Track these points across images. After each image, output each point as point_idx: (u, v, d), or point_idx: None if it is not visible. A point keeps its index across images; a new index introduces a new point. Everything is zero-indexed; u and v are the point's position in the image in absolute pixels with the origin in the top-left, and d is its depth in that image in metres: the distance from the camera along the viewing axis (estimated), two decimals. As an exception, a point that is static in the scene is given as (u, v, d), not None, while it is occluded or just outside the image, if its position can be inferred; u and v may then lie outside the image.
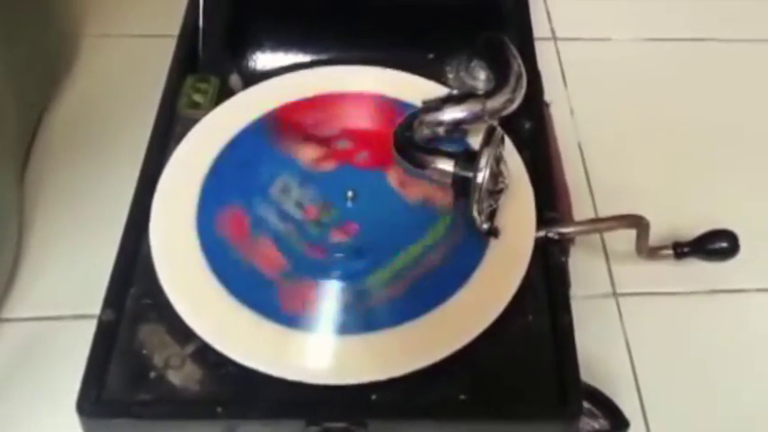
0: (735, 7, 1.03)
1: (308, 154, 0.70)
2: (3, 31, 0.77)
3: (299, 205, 0.67)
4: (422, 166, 0.66)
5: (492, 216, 0.64)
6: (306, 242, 0.65)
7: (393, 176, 0.69)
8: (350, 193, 0.67)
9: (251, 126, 0.72)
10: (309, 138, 0.71)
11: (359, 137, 0.72)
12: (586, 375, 0.60)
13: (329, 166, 0.70)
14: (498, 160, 0.63)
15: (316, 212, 0.67)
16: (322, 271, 0.63)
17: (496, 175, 0.63)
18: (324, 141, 0.71)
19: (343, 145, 0.71)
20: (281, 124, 0.72)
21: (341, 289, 0.62)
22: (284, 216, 0.66)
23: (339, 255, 0.64)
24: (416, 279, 0.63)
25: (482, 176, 0.61)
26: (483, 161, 0.62)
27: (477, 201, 0.62)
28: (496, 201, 0.64)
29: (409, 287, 0.63)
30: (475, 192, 0.62)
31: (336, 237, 0.66)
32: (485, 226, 0.64)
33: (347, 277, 0.63)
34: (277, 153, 0.70)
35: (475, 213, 0.63)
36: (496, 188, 0.63)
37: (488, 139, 0.63)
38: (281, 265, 0.63)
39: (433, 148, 0.67)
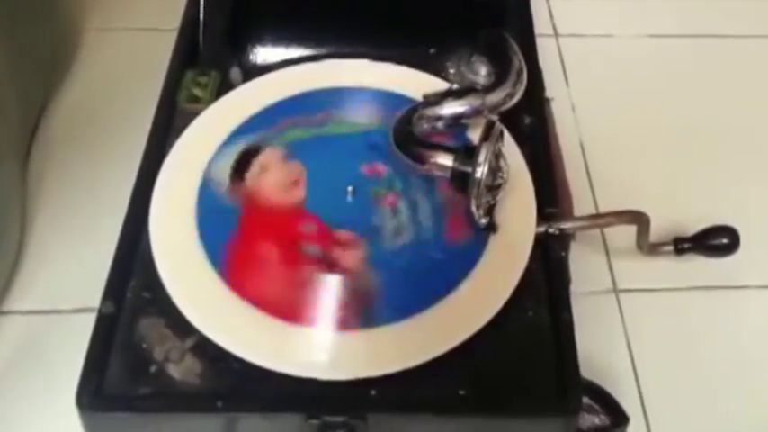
0: (737, 4, 1.02)
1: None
2: (5, 25, 0.77)
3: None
4: (421, 160, 0.66)
5: (491, 211, 0.64)
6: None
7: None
8: (350, 189, 0.67)
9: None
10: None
11: None
12: (586, 371, 0.60)
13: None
14: (497, 155, 0.63)
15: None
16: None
17: (495, 170, 0.63)
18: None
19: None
20: None
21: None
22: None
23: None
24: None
25: (480, 171, 0.61)
26: (482, 156, 0.62)
27: (476, 196, 0.62)
28: (495, 196, 0.64)
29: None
30: (473, 187, 0.62)
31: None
32: (483, 221, 0.64)
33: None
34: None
35: (473, 208, 0.63)
36: (495, 183, 0.63)
37: (487, 134, 0.63)
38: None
39: (433, 142, 0.67)
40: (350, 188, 0.67)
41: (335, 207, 0.67)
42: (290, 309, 0.61)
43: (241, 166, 0.68)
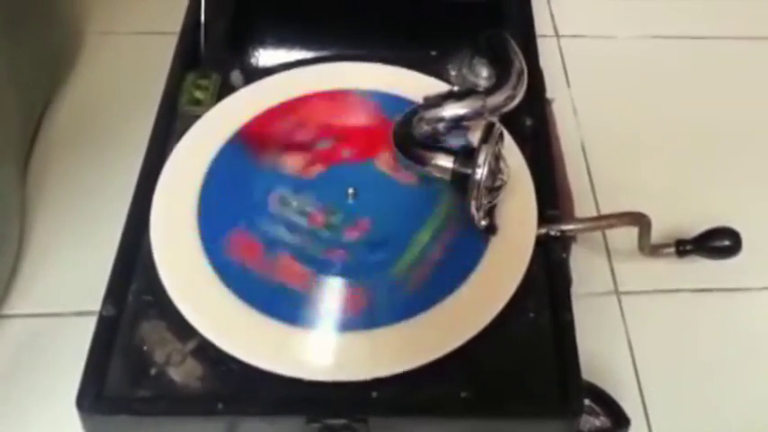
0: (739, 5, 1.02)
1: (293, 162, 0.70)
2: (6, 28, 0.77)
3: (304, 213, 0.66)
4: (421, 162, 0.66)
5: (491, 213, 0.64)
6: (323, 248, 0.64)
7: (383, 162, 0.69)
8: (350, 191, 0.67)
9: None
10: (289, 147, 0.70)
11: (338, 134, 0.72)
12: (588, 373, 0.60)
13: (319, 168, 0.69)
14: (497, 157, 0.63)
15: (322, 218, 0.66)
16: (347, 269, 0.63)
17: (495, 171, 0.63)
18: (304, 146, 0.71)
19: (325, 145, 0.71)
20: (255, 140, 0.71)
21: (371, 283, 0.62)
22: (292, 227, 0.65)
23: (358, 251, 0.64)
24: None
25: (480, 173, 0.61)
26: (481, 158, 0.62)
27: (476, 197, 0.62)
28: (495, 198, 0.64)
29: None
30: (473, 188, 0.62)
31: (352, 235, 0.65)
32: (483, 223, 0.64)
33: (372, 270, 0.63)
34: (262, 167, 0.69)
35: (473, 210, 0.63)
36: (495, 185, 0.63)
37: (487, 136, 0.63)
38: (305, 275, 0.63)
39: (433, 144, 0.67)
40: (350, 190, 0.67)
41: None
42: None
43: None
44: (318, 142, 0.71)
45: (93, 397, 0.57)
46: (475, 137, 0.67)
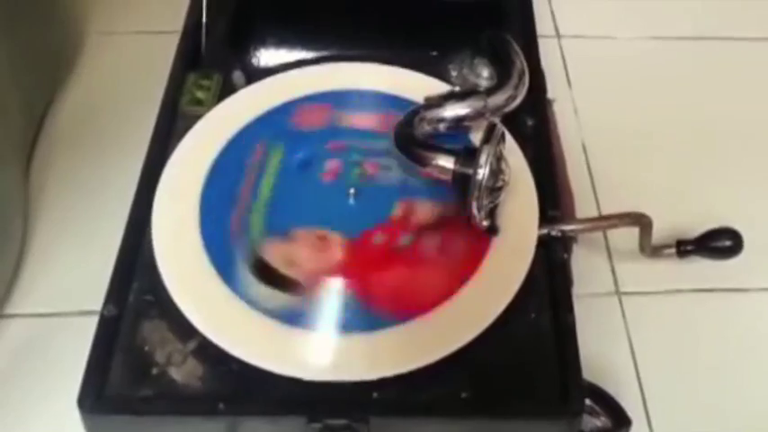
0: (739, 6, 1.02)
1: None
2: (7, 28, 0.77)
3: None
4: (422, 162, 0.66)
5: (492, 213, 0.64)
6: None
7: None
8: (351, 191, 0.67)
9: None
10: None
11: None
12: (589, 373, 0.60)
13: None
14: (499, 157, 0.63)
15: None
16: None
17: (496, 172, 0.63)
18: None
19: None
20: None
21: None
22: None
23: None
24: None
25: (482, 174, 0.61)
26: (483, 158, 0.62)
27: (477, 198, 0.62)
28: (497, 198, 0.64)
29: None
30: (474, 189, 0.62)
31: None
32: (484, 223, 0.64)
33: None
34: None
35: (475, 211, 0.63)
36: (496, 185, 0.63)
37: (488, 137, 0.63)
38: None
39: (434, 144, 0.67)
40: (351, 190, 0.67)
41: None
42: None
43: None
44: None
45: (94, 396, 0.57)
46: (476, 137, 0.67)
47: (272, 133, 0.71)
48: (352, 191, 0.67)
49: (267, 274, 0.62)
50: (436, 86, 0.73)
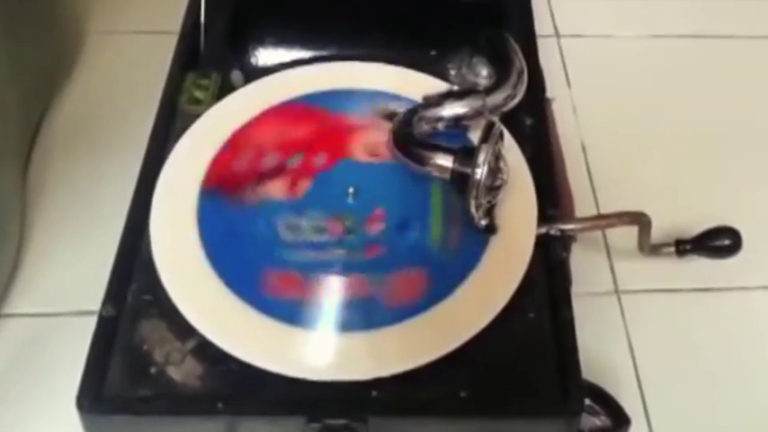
0: (739, 5, 1.02)
1: (276, 190, 0.68)
2: (6, 28, 0.77)
3: (321, 229, 0.66)
4: (420, 161, 0.66)
5: (490, 212, 0.64)
6: (360, 249, 0.65)
7: (357, 154, 0.70)
8: (350, 190, 0.67)
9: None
10: (262, 177, 0.69)
11: (302, 147, 0.71)
12: (588, 372, 0.60)
13: (305, 185, 0.68)
14: (497, 156, 0.63)
15: (339, 225, 0.66)
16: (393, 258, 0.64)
17: (495, 171, 0.63)
18: (278, 172, 0.69)
19: (296, 161, 0.70)
20: (221, 186, 0.68)
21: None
22: (319, 247, 0.65)
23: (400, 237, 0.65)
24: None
25: (480, 173, 0.61)
26: (481, 157, 0.62)
27: (476, 197, 0.62)
28: (495, 197, 0.64)
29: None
30: (473, 188, 0.62)
31: (373, 228, 0.66)
32: (483, 222, 0.64)
33: (413, 247, 0.64)
34: (246, 210, 0.67)
35: (473, 210, 0.63)
36: (495, 184, 0.63)
37: (487, 135, 0.63)
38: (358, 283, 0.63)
39: (432, 143, 0.67)
40: (351, 189, 0.67)
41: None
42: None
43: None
44: (287, 162, 0.70)
45: (92, 397, 0.57)
46: (475, 136, 0.67)
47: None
48: (350, 190, 0.67)
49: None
50: (435, 85, 0.73)
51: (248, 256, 0.64)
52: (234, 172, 0.69)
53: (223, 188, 0.68)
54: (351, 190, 0.67)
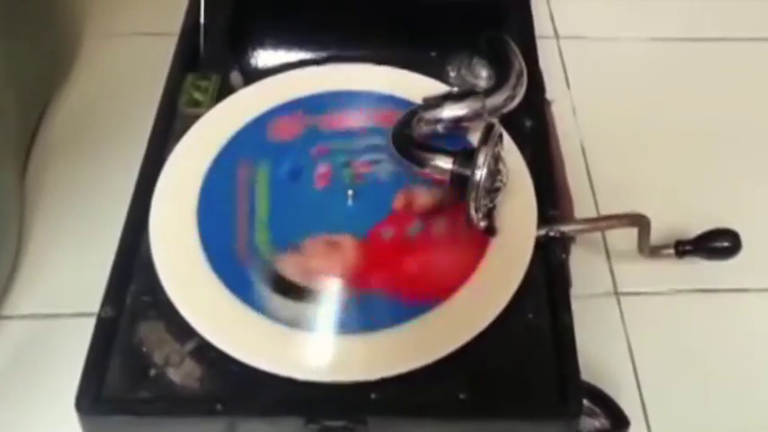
0: (739, 6, 1.02)
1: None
2: (5, 29, 0.77)
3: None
4: (420, 163, 0.66)
5: (490, 214, 0.64)
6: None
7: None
8: (350, 192, 0.67)
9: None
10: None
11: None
12: (587, 374, 0.60)
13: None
14: (496, 158, 0.63)
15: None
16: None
17: (494, 173, 0.63)
18: None
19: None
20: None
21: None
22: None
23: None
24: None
25: (479, 174, 0.61)
26: (480, 159, 0.62)
27: (475, 199, 0.62)
28: (494, 199, 0.64)
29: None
30: (472, 190, 0.62)
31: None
32: (482, 224, 0.64)
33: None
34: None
35: (473, 211, 0.63)
36: (494, 186, 0.63)
37: (486, 137, 0.63)
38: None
39: (432, 145, 0.67)
40: (350, 192, 0.67)
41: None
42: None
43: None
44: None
45: (91, 398, 0.57)
46: (474, 138, 0.67)
47: (252, 152, 0.70)
48: (350, 192, 0.67)
49: (288, 289, 0.62)
50: (434, 87, 0.73)
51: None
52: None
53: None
54: (350, 192, 0.67)
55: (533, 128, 0.73)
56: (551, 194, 0.69)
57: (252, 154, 0.70)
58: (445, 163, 0.65)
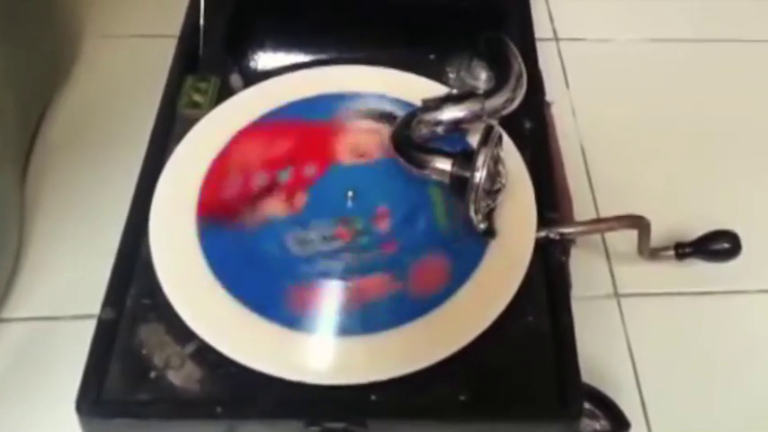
0: (737, 8, 1.02)
1: (275, 207, 0.67)
2: (4, 31, 0.77)
3: (329, 238, 0.65)
4: (420, 165, 0.66)
5: (489, 216, 0.64)
6: (372, 251, 0.64)
7: (345, 157, 0.70)
8: (350, 194, 0.67)
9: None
10: (258, 198, 0.68)
11: (290, 160, 0.70)
12: (587, 376, 0.60)
13: (302, 198, 0.68)
14: (496, 160, 0.63)
15: (348, 230, 0.66)
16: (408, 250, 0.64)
17: (494, 174, 0.63)
18: (270, 189, 0.68)
19: (287, 176, 0.69)
20: (218, 211, 0.67)
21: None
22: (331, 256, 0.64)
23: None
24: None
25: (479, 176, 0.61)
26: (480, 161, 0.62)
27: (474, 200, 0.62)
28: (494, 200, 0.64)
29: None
30: (472, 191, 0.62)
31: (382, 226, 0.66)
32: (482, 226, 0.64)
33: (425, 236, 0.65)
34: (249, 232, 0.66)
35: (472, 213, 0.63)
36: (494, 188, 0.63)
37: (486, 139, 0.63)
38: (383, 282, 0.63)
39: (432, 147, 0.67)
40: (350, 192, 0.67)
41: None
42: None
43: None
44: (278, 177, 0.69)
45: (92, 400, 0.57)
46: (474, 139, 0.67)
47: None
48: (349, 193, 0.67)
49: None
50: (434, 89, 0.73)
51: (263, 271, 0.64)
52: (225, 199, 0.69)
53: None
54: (350, 194, 0.67)
55: (533, 129, 0.73)
56: (551, 196, 0.69)
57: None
58: (444, 165, 0.65)
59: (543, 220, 0.66)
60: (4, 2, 0.77)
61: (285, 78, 0.76)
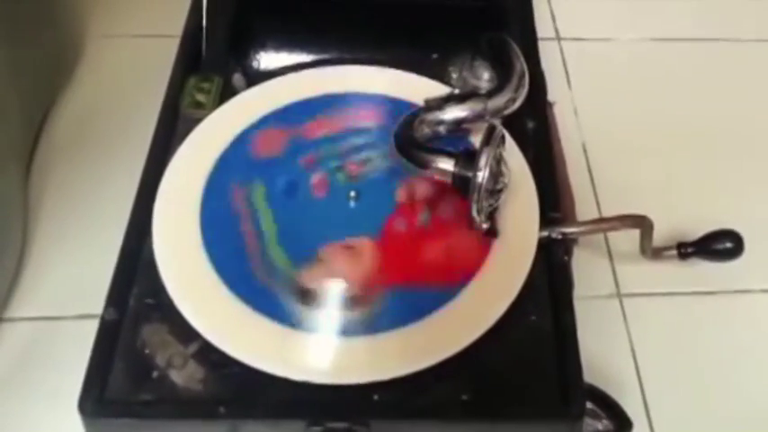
0: (739, 7, 1.02)
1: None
2: (7, 32, 0.77)
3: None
4: (422, 164, 0.66)
5: (492, 216, 0.64)
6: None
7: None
8: (352, 193, 0.68)
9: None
10: None
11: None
12: (589, 376, 0.60)
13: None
14: (498, 160, 0.63)
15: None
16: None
17: (496, 174, 0.63)
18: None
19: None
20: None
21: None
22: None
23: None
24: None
25: (481, 176, 0.61)
26: (482, 160, 0.62)
27: (477, 200, 0.62)
28: (496, 200, 0.64)
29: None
30: (474, 191, 0.62)
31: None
32: (484, 226, 0.64)
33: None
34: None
35: (474, 213, 0.63)
36: (496, 188, 0.63)
37: (488, 139, 0.63)
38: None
39: (434, 147, 0.67)
40: (352, 193, 0.67)
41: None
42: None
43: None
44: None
45: (95, 400, 0.57)
46: (476, 139, 0.67)
47: (240, 173, 0.69)
48: (352, 194, 0.67)
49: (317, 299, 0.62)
50: (436, 89, 0.73)
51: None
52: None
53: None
54: (352, 194, 0.67)
55: (535, 129, 0.73)
56: (553, 196, 0.69)
57: (241, 175, 0.69)
58: (447, 164, 0.65)
59: (546, 220, 0.66)
60: (6, 3, 0.77)
61: (287, 78, 0.76)
